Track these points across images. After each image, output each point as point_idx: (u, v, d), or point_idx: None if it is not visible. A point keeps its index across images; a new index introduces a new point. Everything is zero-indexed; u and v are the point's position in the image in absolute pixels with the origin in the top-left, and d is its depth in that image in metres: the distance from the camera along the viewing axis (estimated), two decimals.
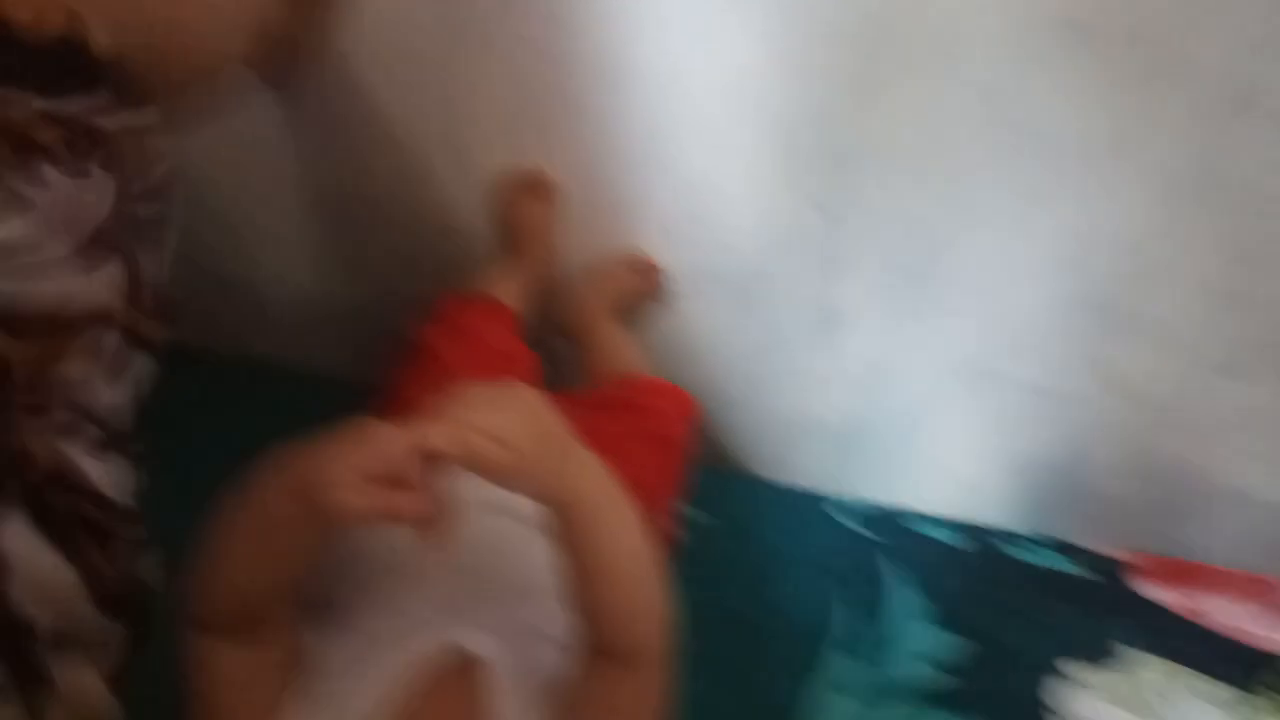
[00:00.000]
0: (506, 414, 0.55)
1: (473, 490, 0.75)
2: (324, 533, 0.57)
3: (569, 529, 0.58)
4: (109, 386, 0.61)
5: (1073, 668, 1.00)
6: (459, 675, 0.60)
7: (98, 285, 0.60)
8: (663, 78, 1.00)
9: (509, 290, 1.06)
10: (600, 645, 0.60)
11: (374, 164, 1.09)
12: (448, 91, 1.04)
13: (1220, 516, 1.18)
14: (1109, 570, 1.13)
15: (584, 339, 1.10)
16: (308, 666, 0.60)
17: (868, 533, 1.12)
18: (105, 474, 0.61)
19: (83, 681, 0.59)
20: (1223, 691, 1.01)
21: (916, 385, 1.14)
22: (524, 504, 0.75)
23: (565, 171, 1.08)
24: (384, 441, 0.52)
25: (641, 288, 1.13)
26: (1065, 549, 1.15)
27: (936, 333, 1.11)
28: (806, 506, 1.14)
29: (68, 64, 0.59)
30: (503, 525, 0.72)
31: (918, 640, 1.00)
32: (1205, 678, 1.03)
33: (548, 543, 0.72)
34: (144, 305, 0.63)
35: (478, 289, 1.05)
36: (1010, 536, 1.15)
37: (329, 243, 1.17)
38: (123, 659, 0.62)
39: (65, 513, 0.58)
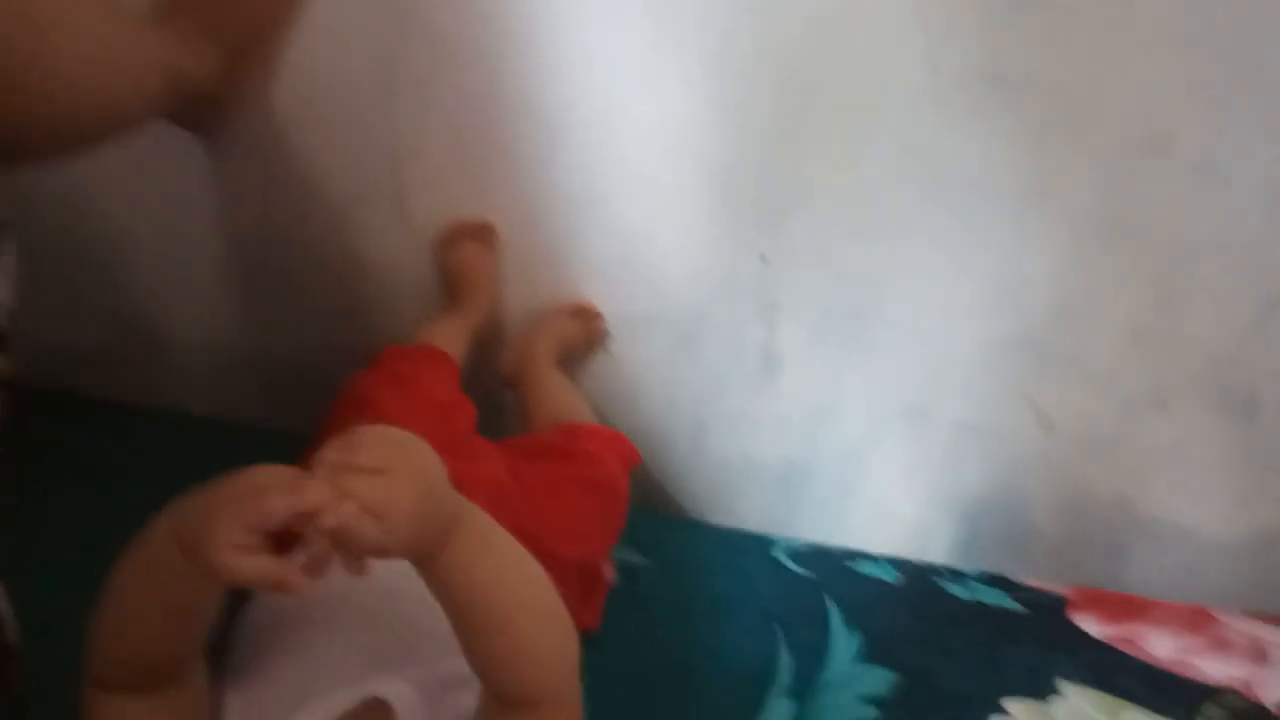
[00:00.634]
0: (388, 477, 0.52)
1: None
2: (217, 588, 0.55)
3: (449, 585, 0.57)
4: None
5: (1015, 705, 1.01)
6: None
7: None
8: (600, 128, 1.01)
9: (450, 338, 1.05)
10: (500, 695, 0.59)
11: (303, 215, 1.09)
12: (383, 142, 1.04)
13: (1159, 550, 1.20)
14: (1049, 606, 1.14)
15: (525, 387, 1.10)
16: None
17: (809, 574, 1.12)
18: None
19: None
20: None
21: (856, 427, 1.16)
22: None
23: (502, 221, 1.08)
24: (268, 497, 0.50)
25: (584, 335, 1.14)
26: (1006, 585, 1.16)
27: (874, 375, 1.12)
28: (749, 549, 1.14)
29: None
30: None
31: (859, 681, 1.00)
32: (1147, 711, 1.03)
33: None
34: None
35: (419, 337, 1.05)
36: (951, 574, 1.16)
37: (256, 295, 1.16)
38: None
39: None
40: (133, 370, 1.21)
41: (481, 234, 1.09)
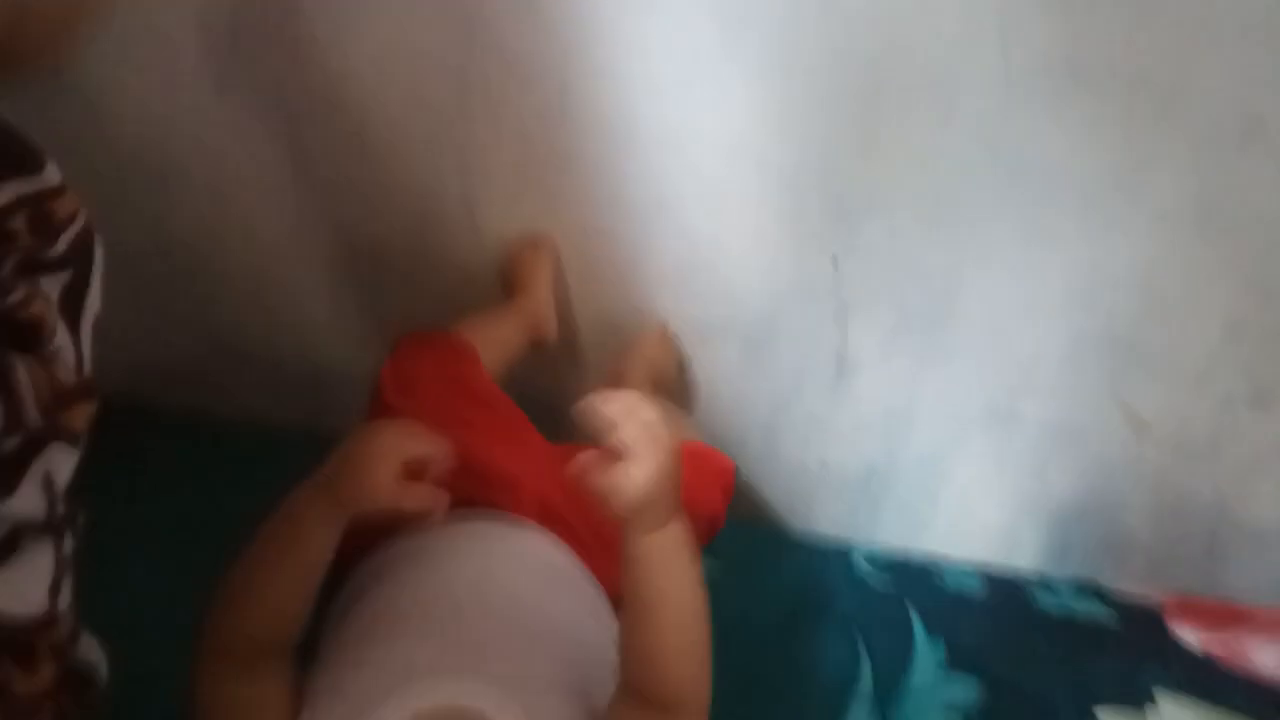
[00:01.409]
0: (652, 433, 0.59)
1: (482, 538, 0.76)
2: (338, 534, 0.63)
3: (652, 567, 0.61)
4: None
5: (1108, 715, 0.98)
6: None
7: None
8: (667, 137, 1.02)
9: (484, 326, 1.04)
10: (646, 690, 0.61)
11: (384, 229, 1.12)
12: (457, 157, 1.06)
13: (1262, 555, 1.14)
14: (1144, 614, 1.10)
15: None
16: (311, 707, 0.61)
17: (890, 581, 1.11)
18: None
19: None
20: None
21: (936, 430, 1.13)
22: (538, 550, 0.76)
23: (573, 231, 1.09)
24: (401, 438, 0.63)
25: (668, 363, 1.14)
26: (1098, 593, 1.12)
27: (953, 376, 1.10)
28: (827, 556, 1.13)
29: None
30: (513, 571, 0.72)
31: (943, 689, 0.98)
32: None
33: (562, 588, 0.73)
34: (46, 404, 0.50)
35: (447, 329, 1.02)
36: (1040, 582, 1.13)
37: (340, 308, 1.19)
38: None
39: None
40: (221, 384, 1.25)
41: (541, 239, 1.10)
